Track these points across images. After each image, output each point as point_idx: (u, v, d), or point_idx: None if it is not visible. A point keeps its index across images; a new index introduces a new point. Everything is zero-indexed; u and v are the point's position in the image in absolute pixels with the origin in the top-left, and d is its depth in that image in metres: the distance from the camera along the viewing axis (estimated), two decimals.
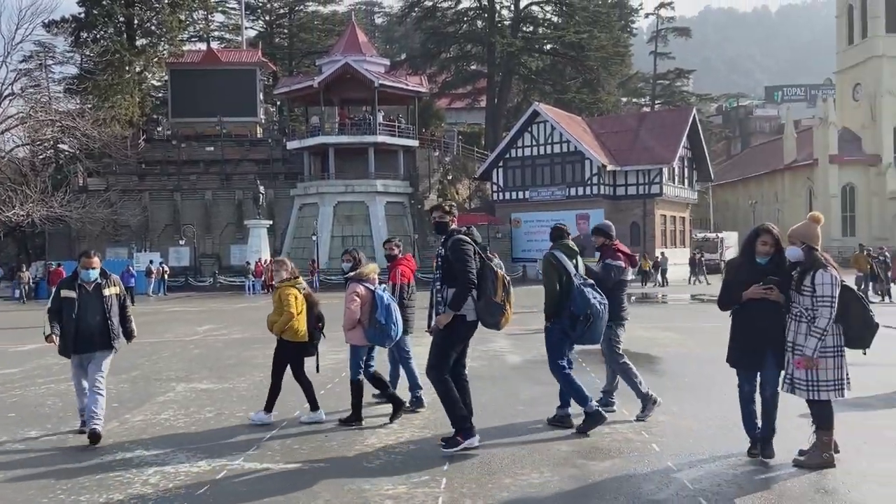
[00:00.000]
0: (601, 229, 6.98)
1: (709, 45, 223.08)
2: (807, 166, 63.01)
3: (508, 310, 5.60)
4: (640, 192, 38.11)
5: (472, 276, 5.50)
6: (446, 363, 5.71)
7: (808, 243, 5.04)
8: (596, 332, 6.06)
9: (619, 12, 63.06)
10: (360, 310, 6.50)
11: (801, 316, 4.97)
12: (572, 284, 6.05)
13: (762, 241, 5.13)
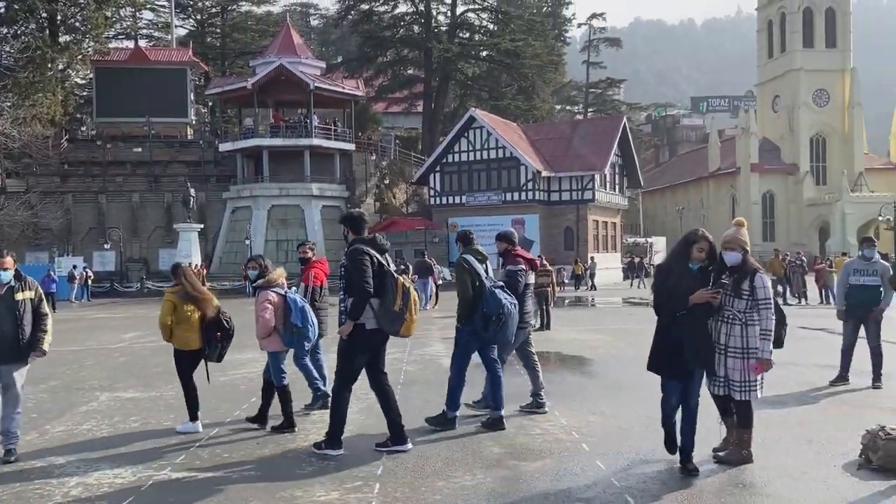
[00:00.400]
0: (504, 236, 7.21)
1: (639, 57, 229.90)
2: (730, 174, 65.72)
3: (408, 317, 5.58)
4: (574, 197, 38.90)
5: (366, 286, 5.50)
6: (349, 373, 5.74)
7: (745, 248, 5.20)
8: (508, 332, 6.34)
9: (552, 21, 64.38)
10: (274, 317, 6.43)
11: (735, 319, 5.10)
12: (484, 287, 6.30)
13: (699, 247, 5.03)
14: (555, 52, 61.74)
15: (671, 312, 5.06)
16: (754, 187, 62.89)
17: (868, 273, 8.12)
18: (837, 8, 62.98)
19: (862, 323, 8.24)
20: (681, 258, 5.12)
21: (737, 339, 5.08)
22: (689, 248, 5.07)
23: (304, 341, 6.57)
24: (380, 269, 5.60)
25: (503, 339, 6.41)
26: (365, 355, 5.72)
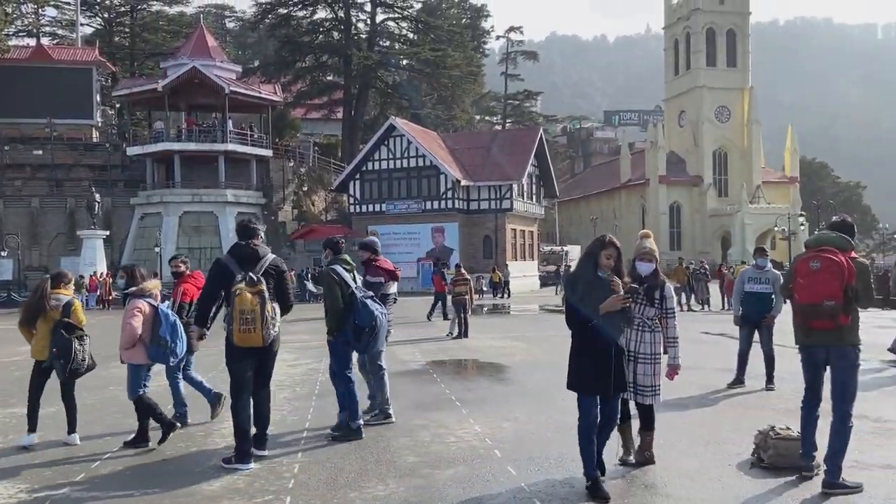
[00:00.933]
0: (367, 245, 7.30)
1: (555, 70, 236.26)
2: (640, 185, 68.42)
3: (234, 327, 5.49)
4: (493, 206, 39.53)
5: (203, 292, 5.81)
6: (234, 384, 5.73)
7: (657, 259, 5.41)
8: (380, 342, 6.44)
9: (471, 33, 65.35)
10: (141, 326, 6.21)
11: (644, 326, 5.31)
12: (355, 298, 6.31)
13: (607, 254, 4.84)
14: (474, 62, 62.69)
15: (583, 323, 4.79)
16: (662, 198, 65.70)
17: (761, 281, 8.65)
18: (737, 29, 66.81)
19: (756, 328, 8.77)
20: (588, 265, 4.93)
21: (646, 345, 5.29)
22: (597, 255, 4.89)
23: (170, 357, 6.32)
24: (230, 280, 5.59)
25: (375, 348, 6.48)
26: (240, 365, 5.67)
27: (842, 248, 5.01)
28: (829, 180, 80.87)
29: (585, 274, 4.92)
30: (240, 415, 5.68)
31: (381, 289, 6.96)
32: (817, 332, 5.00)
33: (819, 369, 5.16)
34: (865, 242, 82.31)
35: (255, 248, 5.79)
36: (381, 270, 7.11)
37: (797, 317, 5.16)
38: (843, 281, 4.86)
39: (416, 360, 12.26)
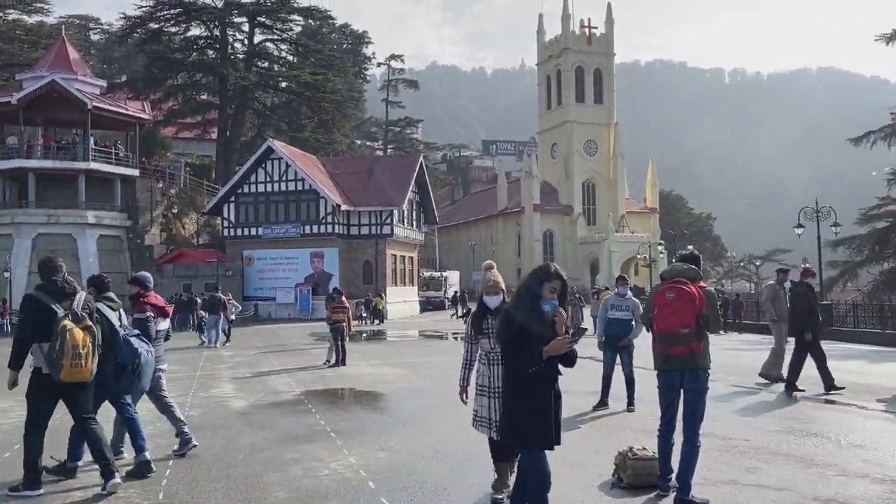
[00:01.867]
0: (138, 280, 7.14)
1: (435, 99, 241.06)
2: (516, 213, 70.85)
3: (65, 363, 5.40)
4: (373, 231, 39.51)
5: (21, 333, 5.69)
6: (33, 416, 5.72)
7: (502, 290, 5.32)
8: (145, 380, 6.32)
9: (352, 59, 65.54)
10: None
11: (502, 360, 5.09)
12: (117, 335, 6.16)
13: (551, 287, 4.18)
14: (355, 88, 62.87)
15: (523, 367, 4.09)
16: (536, 226, 68.34)
17: (622, 308, 9.22)
18: (603, 69, 71.24)
19: (618, 352, 9.31)
20: (529, 298, 4.22)
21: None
22: (540, 287, 4.20)
23: None
24: (48, 315, 5.55)
25: (139, 388, 6.36)
26: (47, 399, 5.69)
27: (692, 279, 5.48)
28: (684, 211, 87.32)
29: (524, 308, 4.19)
30: (34, 447, 5.67)
31: (149, 326, 6.77)
32: (674, 357, 5.38)
33: (675, 393, 5.51)
34: (716, 270, 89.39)
35: (67, 283, 5.79)
36: (148, 306, 6.91)
37: (657, 344, 5.54)
38: (696, 309, 5.30)
39: (291, 389, 11.97)
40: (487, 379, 5.12)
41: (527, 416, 4.15)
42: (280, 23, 50.35)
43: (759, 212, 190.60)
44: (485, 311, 5.22)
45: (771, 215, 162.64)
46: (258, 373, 14.49)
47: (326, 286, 36.69)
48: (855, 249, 37.98)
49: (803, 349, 10.89)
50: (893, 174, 37.60)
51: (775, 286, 12.48)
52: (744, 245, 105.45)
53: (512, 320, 4.18)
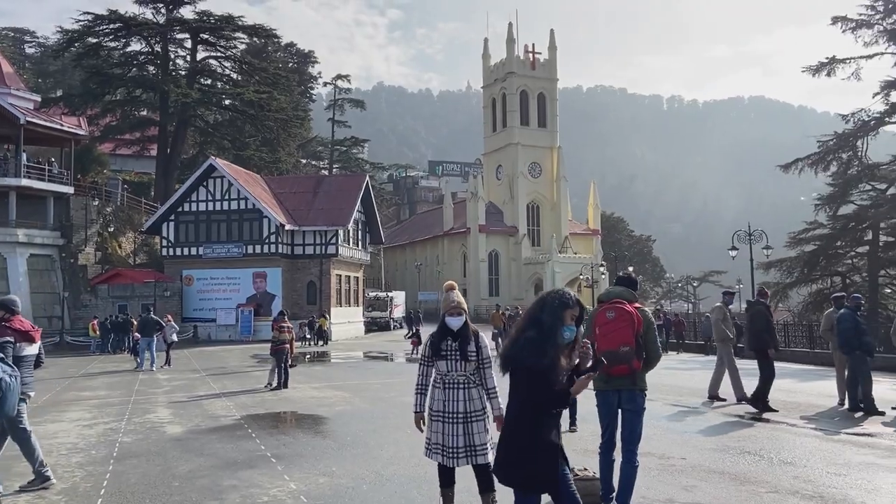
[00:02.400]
0: (3, 304, 6.90)
1: (382, 119, 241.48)
2: (462, 233, 71.25)
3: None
4: (318, 251, 39.11)
5: None
6: None
7: (465, 310, 5.12)
8: (8, 406, 6.06)
9: (298, 78, 65.11)
10: None
11: (470, 382, 5.03)
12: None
13: (572, 313, 3.75)
14: (300, 107, 62.42)
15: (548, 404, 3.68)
16: (482, 246, 68.86)
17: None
18: (547, 94, 72.72)
19: None
20: (555, 329, 3.69)
21: (476, 401, 5.01)
22: (563, 314, 3.73)
23: None
24: None
25: (2, 414, 6.11)
26: None
27: (629, 300, 5.64)
28: (625, 233, 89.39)
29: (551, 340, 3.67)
30: None
31: (8, 350, 6.50)
32: (615, 377, 5.48)
33: (614, 413, 5.60)
34: (655, 291, 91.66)
35: None
36: (10, 331, 6.67)
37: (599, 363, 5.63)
38: (634, 328, 5.44)
39: (230, 414, 11.68)
40: (443, 404, 4.97)
41: (540, 455, 3.70)
42: (224, 40, 49.69)
43: (696, 233, 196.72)
44: (446, 332, 5.06)
45: (707, 237, 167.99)
46: (196, 397, 14.10)
47: (269, 307, 36.09)
48: (785, 271, 39.46)
49: (769, 366, 11.20)
50: (820, 199, 39.35)
51: (723, 308, 12.89)
52: (682, 266, 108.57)
53: (545, 352, 3.63)
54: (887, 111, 36.91)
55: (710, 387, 12.63)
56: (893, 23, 36.36)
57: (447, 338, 5.05)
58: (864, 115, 37.59)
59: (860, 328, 11.32)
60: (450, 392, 4.94)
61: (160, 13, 48.27)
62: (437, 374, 5.08)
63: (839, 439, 8.98)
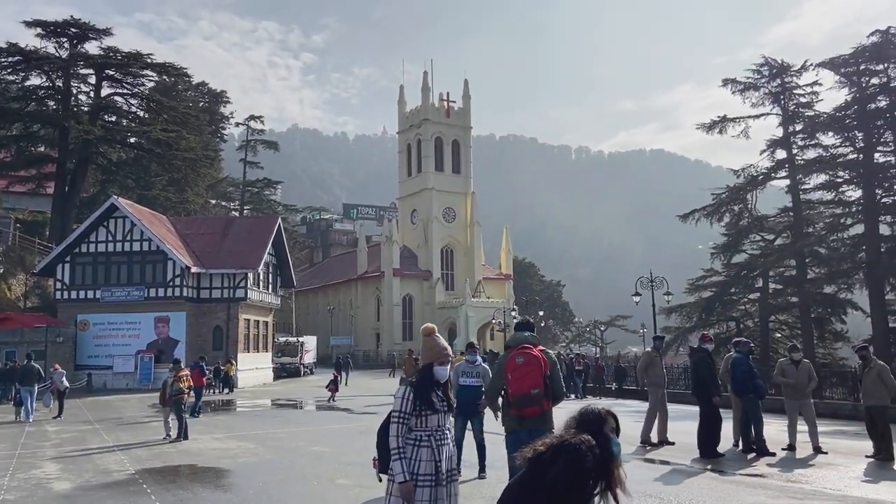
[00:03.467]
0: None
1: (297, 161, 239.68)
2: (376, 277, 70.97)
3: None
4: (226, 295, 37.90)
5: None
6: None
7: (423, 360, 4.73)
8: None
9: (209, 117, 63.93)
10: None
11: (450, 437, 4.66)
12: None
13: (611, 426, 3.03)
14: (211, 147, 61.12)
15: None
16: (396, 290, 68.75)
17: (472, 375, 9.44)
18: (461, 140, 74.41)
19: (468, 419, 9.46)
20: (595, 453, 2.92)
21: (453, 458, 4.60)
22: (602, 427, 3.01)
23: None
24: None
25: None
26: None
27: (534, 344, 5.98)
28: (536, 278, 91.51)
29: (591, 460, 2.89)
30: None
31: None
32: (528, 418, 5.74)
33: None
34: (564, 334, 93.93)
35: None
36: None
37: (512, 408, 5.87)
38: (543, 371, 5.74)
39: (124, 468, 11.02)
40: (434, 465, 4.34)
41: None
42: (131, 77, 48.25)
43: (604, 278, 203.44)
44: (433, 383, 4.52)
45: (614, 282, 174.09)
46: (87, 450, 13.24)
47: (171, 353, 34.47)
48: (685, 316, 41.38)
49: (714, 413, 11.32)
50: (716, 248, 41.72)
51: (651, 353, 13.29)
52: (590, 310, 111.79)
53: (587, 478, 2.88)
54: (773, 167, 39.81)
55: (643, 433, 12.83)
56: (777, 86, 39.52)
57: (435, 389, 4.53)
58: (752, 170, 40.37)
59: (752, 372, 11.90)
60: (440, 450, 4.39)
61: (63, 48, 46.50)
62: (423, 432, 4.40)
63: (733, 480, 9.40)
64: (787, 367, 12.21)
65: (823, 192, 38.77)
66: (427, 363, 4.60)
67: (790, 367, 12.17)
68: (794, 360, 12.20)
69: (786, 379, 12.18)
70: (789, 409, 12.20)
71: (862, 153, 36.47)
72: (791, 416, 12.16)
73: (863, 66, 36.33)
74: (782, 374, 12.29)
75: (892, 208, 35.94)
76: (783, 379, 12.29)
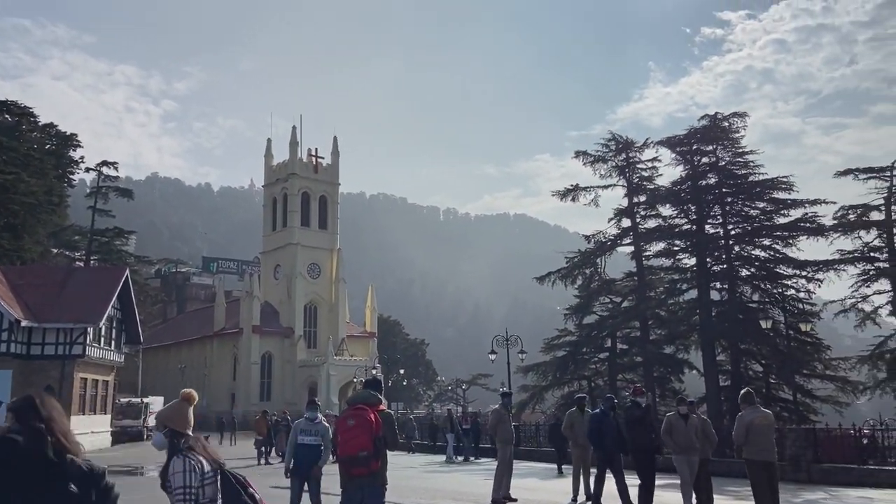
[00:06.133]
0: None
1: (155, 211, 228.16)
2: (234, 334, 68.05)
3: None
4: (60, 352, 34.80)
5: None
6: None
7: (171, 427, 4.32)
8: None
9: (56, 161, 59.68)
10: None
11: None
12: None
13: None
14: (55, 192, 56.82)
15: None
16: (255, 348, 66.18)
17: (311, 433, 9.19)
18: (328, 196, 74.12)
19: (305, 481, 9.16)
20: None
21: None
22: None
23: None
24: None
25: None
26: None
27: (372, 405, 6.22)
28: (401, 336, 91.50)
29: None
30: None
31: None
32: (357, 477, 6.04)
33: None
34: (427, 393, 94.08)
35: None
36: None
37: (342, 466, 6.18)
38: (373, 433, 5.97)
39: None
40: None
41: None
42: None
43: (468, 337, 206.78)
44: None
45: (478, 341, 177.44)
46: None
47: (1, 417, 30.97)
48: (541, 375, 42.79)
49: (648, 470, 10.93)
50: (569, 310, 43.81)
51: (500, 410, 13.39)
52: (455, 368, 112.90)
53: None
54: (619, 234, 42.79)
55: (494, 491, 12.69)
56: (623, 160, 42.87)
57: None
58: (601, 236, 43.17)
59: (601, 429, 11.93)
60: None
61: None
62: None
63: None
64: (676, 422, 10.97)
65: (663, 258, 42.07)
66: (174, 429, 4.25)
67: (679, 421, 10.97)
68: (682, 414, 11.06)
69: (672, 438, 10.90)
70: (678, 465, 10.99)
71: (695, 224, 40.10)
72: (682, 474, 10.91)
73: (695, 146, 40.31)
74: (669, 430, 10.96)
75: (721, 275, 39.50)
76: (669, 437, 11.02)
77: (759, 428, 9.49)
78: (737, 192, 39.80)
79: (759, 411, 9.77)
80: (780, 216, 38.72)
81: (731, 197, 39.94)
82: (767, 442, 9.55)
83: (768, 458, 9.50)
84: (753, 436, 9.42)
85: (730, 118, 40.16)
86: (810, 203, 37.55)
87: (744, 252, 39.81)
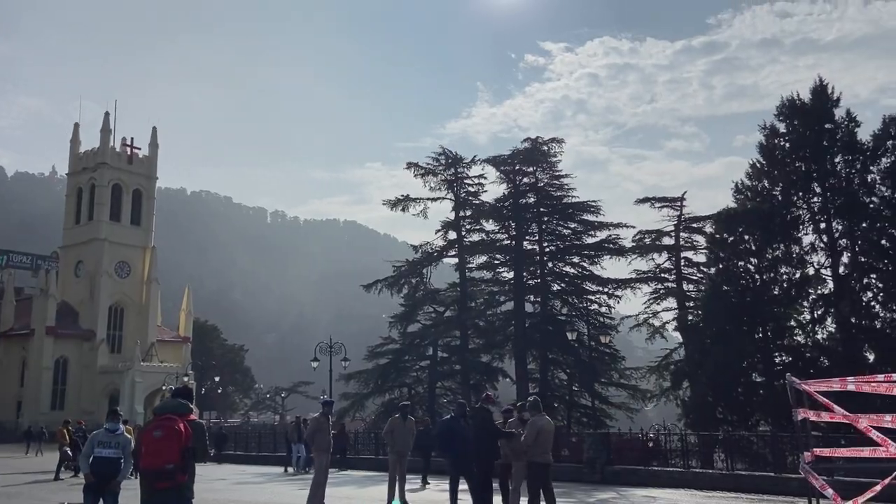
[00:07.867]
0: None
1: None
2: (24, 336, 61.31)
3: None
4: None
5: None
6: None
7: None
8: None
9: None
10: None
11: None
12: None
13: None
14: None
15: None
16: (48, 352, 59.98)
17: (110, 446, 8.50)
18: (143, 190, 68.95)
19: (101, 496, 8.47)
20: None
21: None
22: None
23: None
24: None
25: None
26: None
27: (182, 414, 5.91)
28: (218, 342, 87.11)
29: None
30: None
31: None
32: (160, 491, 5.68)
33: None
34: (244, 402, 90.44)
35: None
36: None
37: (144, 479, 5.84)
38: (181, 445, 5.71)
39: None
40: None
41: None
42: None
43: (291, 344, 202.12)
44: None
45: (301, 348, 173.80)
46: None
47: None
48: (363, 382, 42.90)
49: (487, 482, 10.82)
50: (394, 318, 44.37)
51: (320, 419, 13.06)
52: (276, 376, 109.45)
53: None
54: (446, 246, 44.21)
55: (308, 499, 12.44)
56: (452, 175, 44.36)
57: None
58: (429, 247, 44.31)
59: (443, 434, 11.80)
60: None
61: None
62: None
63: None
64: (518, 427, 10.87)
65: (484, 271, 44.08)
66: None
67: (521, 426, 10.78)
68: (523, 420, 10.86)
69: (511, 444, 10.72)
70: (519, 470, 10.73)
71: (514, 240, 42.50)
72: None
73: (517, 166, 42.79)
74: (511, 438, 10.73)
75: (535, 289, 42.16)
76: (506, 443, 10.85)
77: (546, 434, 10.32)
78: (552, 213, 42.80)
79: (545, 418, 10.58)
80: (588, 236, 42.39)
81: (547, 216, 42.87)
82: (550, 445, 10.50)
83: (549, 461, 10.40)
84: (541, 440, 10.19)
85: (549, 143, 43.11)
86: (614, 226, 41.64)
87: (556, 268, 42.91)
